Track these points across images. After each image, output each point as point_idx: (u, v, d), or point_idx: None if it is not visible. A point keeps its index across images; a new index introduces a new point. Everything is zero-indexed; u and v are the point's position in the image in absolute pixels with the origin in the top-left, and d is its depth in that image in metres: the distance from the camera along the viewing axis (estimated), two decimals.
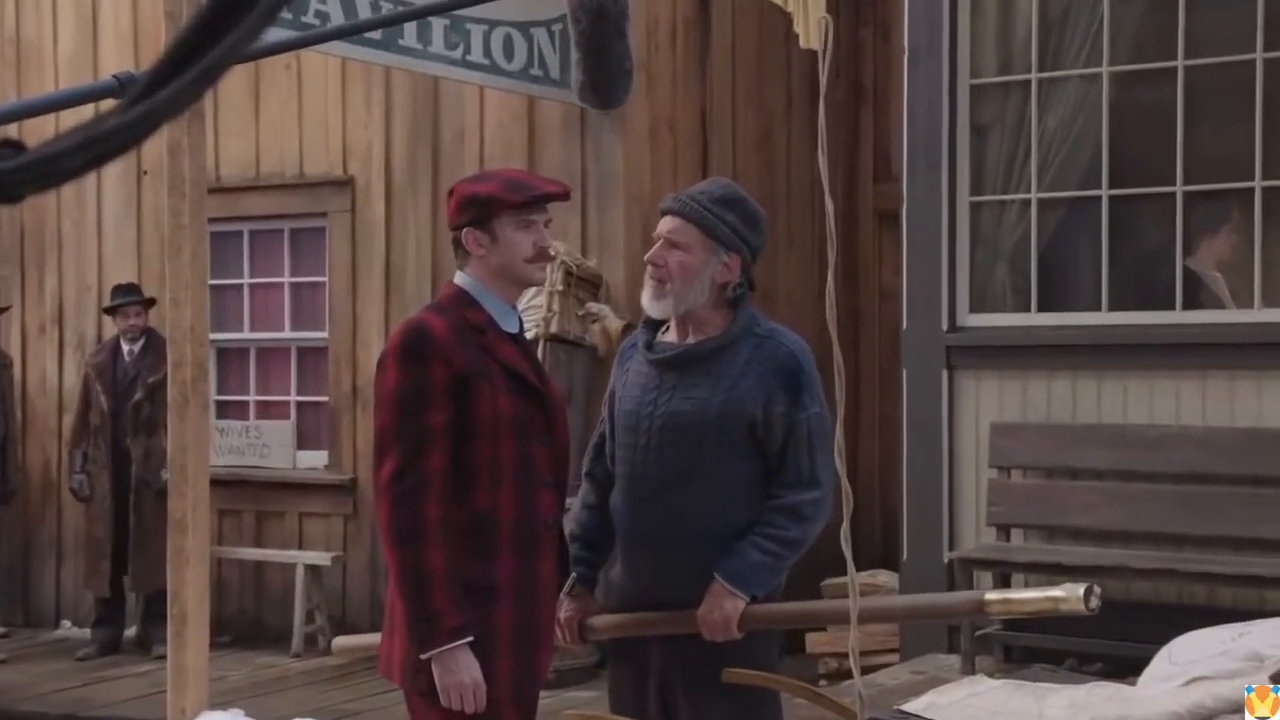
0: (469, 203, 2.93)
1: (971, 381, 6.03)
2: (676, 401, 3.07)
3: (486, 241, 2.90)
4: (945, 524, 6.00)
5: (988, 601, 3.01)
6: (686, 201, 3.12)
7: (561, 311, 6.62)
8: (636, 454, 3.09)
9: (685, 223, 3.09)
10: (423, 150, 7.38)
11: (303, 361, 7.80)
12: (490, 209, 2.90)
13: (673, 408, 3.06)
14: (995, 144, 6.15)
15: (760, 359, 3.06)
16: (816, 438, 3.06)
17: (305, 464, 7.67)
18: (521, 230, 2.91)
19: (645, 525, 3.08)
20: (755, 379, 3.05)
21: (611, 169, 6.92)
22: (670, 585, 3.07)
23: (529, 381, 2.90)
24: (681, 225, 3.10)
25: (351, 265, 7.53)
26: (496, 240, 2.90)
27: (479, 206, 2.91)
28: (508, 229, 2.90)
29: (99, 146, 0.82)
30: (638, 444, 3.09)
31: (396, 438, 2.78)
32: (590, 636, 3.24)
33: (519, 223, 2.90)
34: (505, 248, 2.90)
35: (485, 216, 2.90)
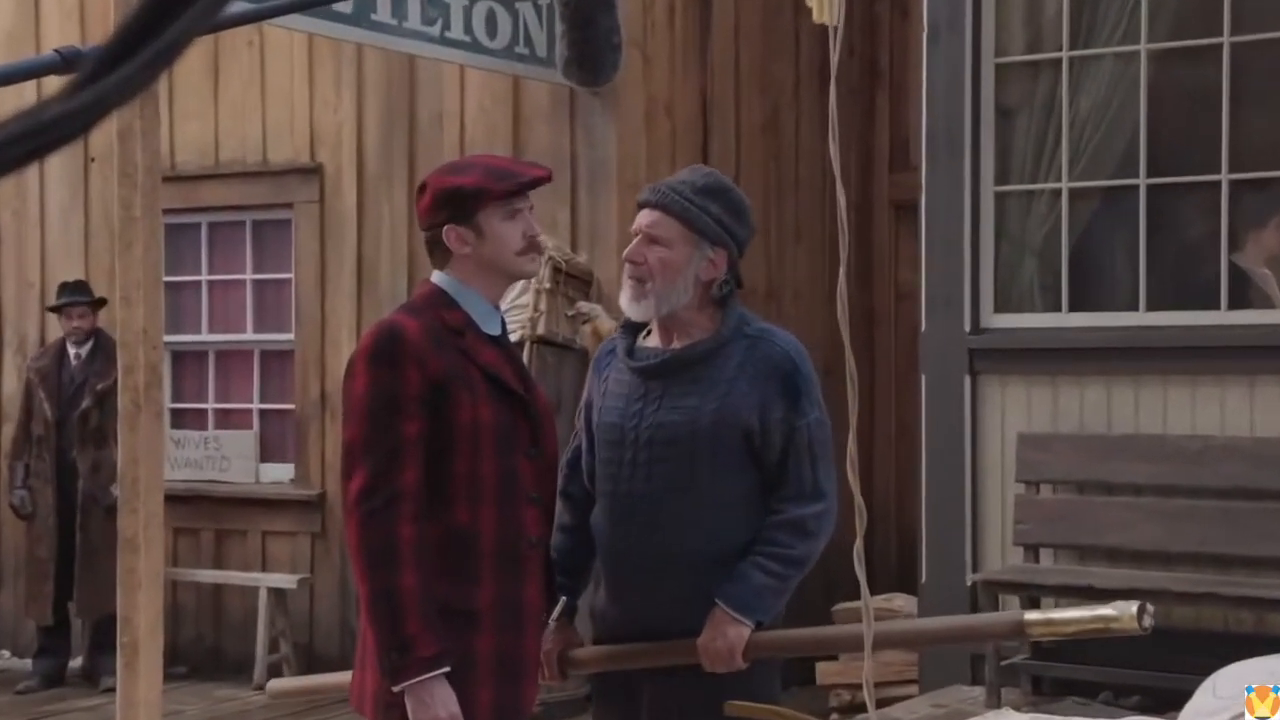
0: (449, 197, 2.91)
1: (996, 388, 6.03)
2: (664, 412, 3.06)
3: (472, 237, 2.89)
4: (968, 543, 6.00)
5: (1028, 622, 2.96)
6: (665, 192, 3.10)
7: (549, 311, 6.61)
8: (621, 470, 3.08)
9: (665, 216, 3.07)
10: (398, 136, 7.32)
11: (266, 366, 7.78)
12: (474, 202, 2.89)
13: (660, 419, 3.05)
14: (1022, 129, 6.16)
15: (753, 362, 3.06)
16: (818, 445, 3.05)
17: (269, 478, 7.67)
18: (509, 221, 2.91)
19: (633, 547, 3.07)
20: (749, 384, 3.04)
21: (604, 156, 6.91)
22: (662, 612, 3.05)
23: (512, 388, 2.90)
24: (661, 219, 3.08)
25: (320, 261, 7.48)
26: (483, 235, 2.89)
27: (461, 200, 2.90)
28: (494, 221, 2.89)
29: (42, 136, 0.82)
30: (623, 459, 3.07)
31: (366, 450, 2.78)
32: (573, 671, 3.22)
33: (506, 213, 2.90)
34: (494, 242, 2.90)
35: (468, 211, 2.89)
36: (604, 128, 6.89)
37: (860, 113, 8.01)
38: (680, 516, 3.04)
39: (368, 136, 7.41)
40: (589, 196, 6.92)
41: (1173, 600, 5.35)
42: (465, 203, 2.89)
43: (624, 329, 3.24)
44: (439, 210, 2.92)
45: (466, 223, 2.90)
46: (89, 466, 7.26)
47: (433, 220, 2.94)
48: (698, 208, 3.08)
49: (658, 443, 3.05)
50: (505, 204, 2.90)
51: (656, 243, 3.09)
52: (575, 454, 3.26)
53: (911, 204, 6.92)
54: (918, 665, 6.13)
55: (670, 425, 3.05)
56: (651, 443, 3.06)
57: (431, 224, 2.95)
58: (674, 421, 3.05)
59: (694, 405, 3.04)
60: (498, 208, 2.90)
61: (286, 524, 7.56)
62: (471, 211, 2.89)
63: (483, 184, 2.90)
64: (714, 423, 3.03)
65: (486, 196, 2.89)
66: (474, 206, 2.89)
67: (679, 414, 3.05)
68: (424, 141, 7.28)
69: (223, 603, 7.64)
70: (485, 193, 2.89)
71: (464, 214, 2.90)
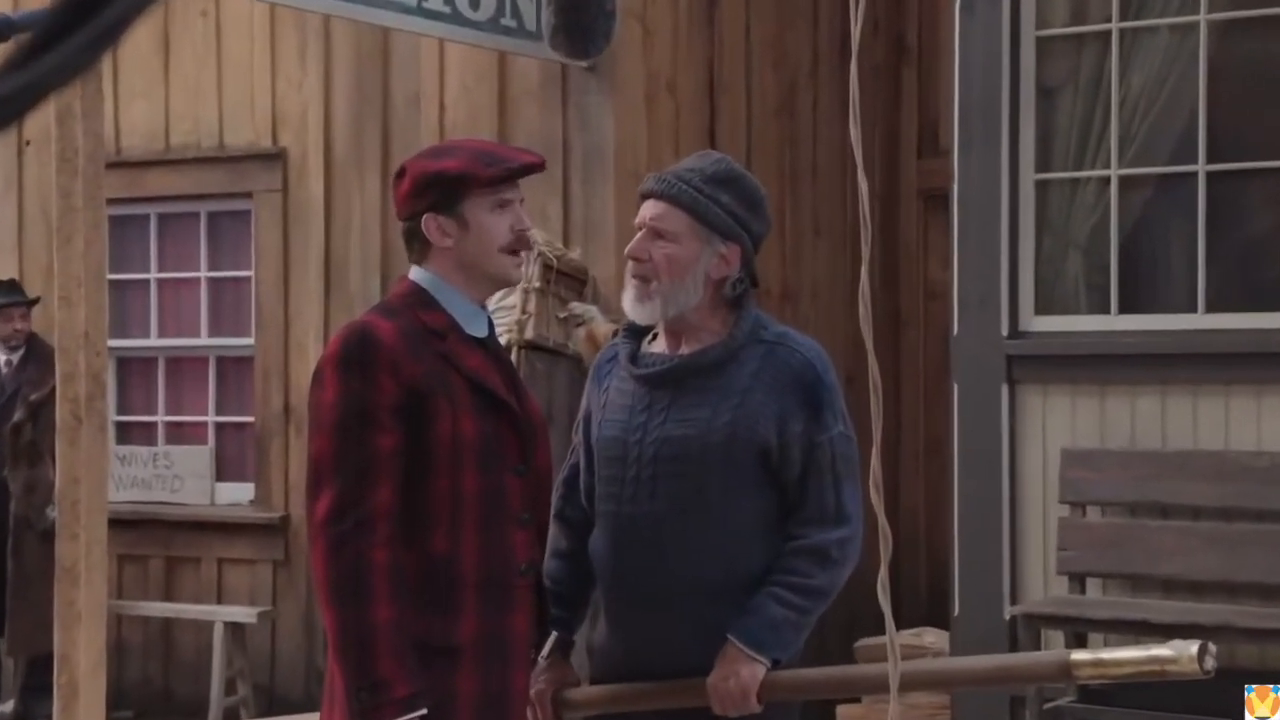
0: (430, 182, 2.91)
1: (1037, 398, 6.02)
2: (671, 425, 3.06)
3: (454, 228, 2.90)
4: (1006, 572, 5.98)
5: (1074, 663, 2.95)
6: (672, 181, 3.10)
7: (539, 313, 6.60)
8: (624, 489, 3.08)
9: (671, 207, 3.08)
10: (370, 118, 7.29)
11: (223, 374, 7.75)
12: (458, 189, 2.90)
13: (667, 433, 3.06)
14: (1066, 109, 6.15)
15: (771, 370, 3.06)
16: (842, 463, 3.06)
17: (226, 499, 7.62)
18: (496, 212, 2.92)
19: (637, 576, 3.07)
20: (766, 394, 3.04)
21: (599, 140, 6.90)
22: (668, 649, 3.05)
23: (500, 397, 2.90)
24: (667, 210, 3.08)
25: (283, 256, 7.43)
26: (466, 226, 2.90)
27: (444, 186, 2.90)
28: (480, 212, 2.90)
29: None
30: (625, 477, 3.08)
31: (334, 467, 2.78)
32: (568, 714, 3.21)
33: (493, 203, 2.91)
34: (478, 235, 2.91)
35: (452, 198, 2.90)
36: (600, 109, 6.88)
37: (886, 92, 8.00)
38: (689, 541, 3.04)
39: (336, 118, 7.34)
40: (583, 185, 6.90)
41: (1237, 637, 5.32)
42: (449, 189, 2.90)
43: (626, 333, 3.23)
44: (419, 197, 2.92)
45: (449, 212, 2.90)
46: (22, 487, 7.24)
47: (412, 208, 2.94)
48: (707, 198, 3.08)
49: (664, 459, 3.05)
50: (493, 193, 2.91)
51: (662, 237, 3.09)
52: (572, 472, 3.26)
53: (942, 193, 6.91)
54: (950, 709, 6.11)
55: (678, 440, 3.05)
56: (657, 459, 3.06)
57: (410, 212, 2.95)
58: (682, 435, 3.05)
59: (704, 417, 3.04)
60: (484, 197, 2.91)
61: (245, 550, 7.51)
62: (455, 200, 2.90)
63: (468, 169, 2.90)
64: (727, 437, 3.03)
65: (472, 183, 2.90)
66: (458, 194, 2.90)
67: (688, 427, 3.05)
68: (399, 124, 7.23)
69: (173, 639, 7.60)
70: (471, 179, 2.90)
71: (447, 202, 2.90)
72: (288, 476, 7.47)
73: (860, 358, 2.81)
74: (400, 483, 2.79)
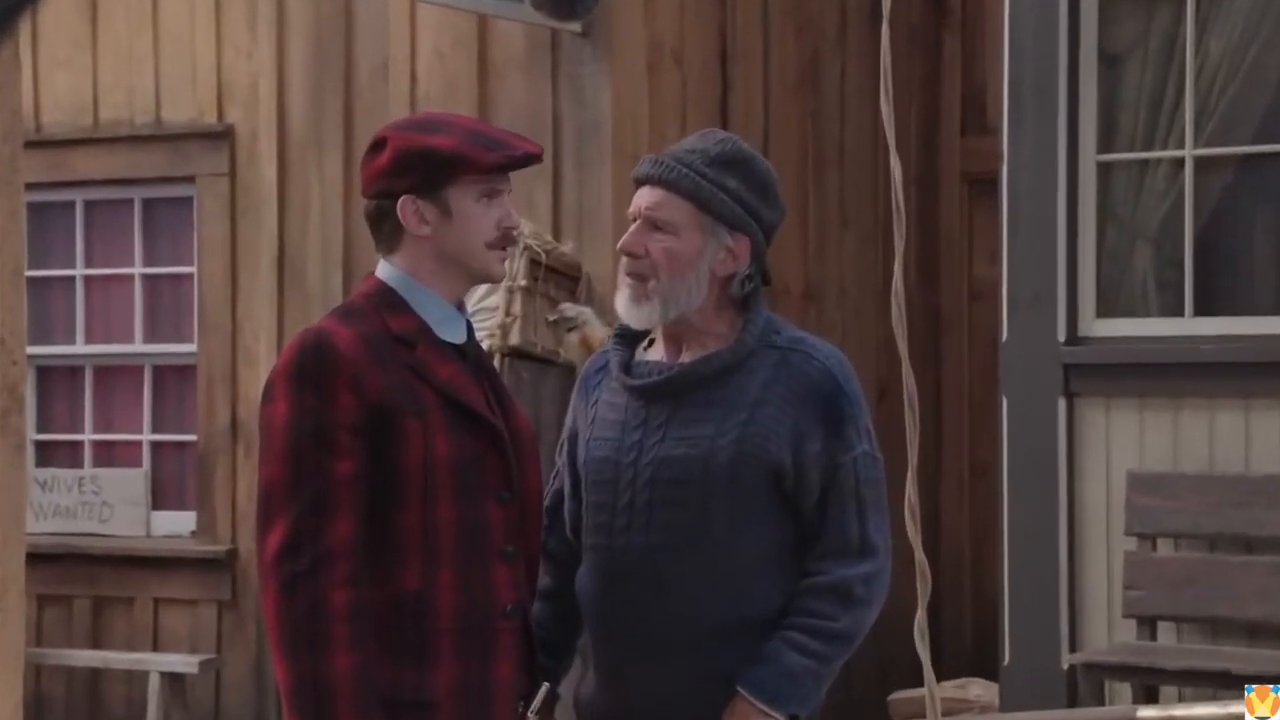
0: (417, 159, 2.90)
1: (1100, 413, 6.01)
2: (670, 444, 3.05)
3: (434, 215, 2.89)
4: (1063, 615, 6.00)
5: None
6: (670, 165, 3.09)
7: (525, 316, 6.57)
8: (615, 519, 3.07)
9: (670, 194, 3.07)
10: (331, 90, 7.26)
11: (161, 385, 7.72)
12: (448, 171, 2.89)
13: (665, 453, 3.04)
14: (1133, 80, 6.16)
15: (785, 380, 3.06)
16: (867, 487, 3.05)
17: (164, 530, 7.60)
18: (484, 203, 2.91)
19: (630, 619, 3.05)
20: (779, 408, 3.04)
21: (595, 117, 6.87)
22: (668, 701, 3.03)
23: (480, 413, 2.89)
24: (665, 198, 3.08)
25: (230, 250, 7.40)
26: (449, 215, 2.89)
27: (432, 166, 2.89)
28: (466, 200, 2.90)
29: None
30: (616, 505, 3.07)
31: (287, 496, 2.77)
32: None
33: (482, 192, 2.91)
34: (462, 226, 2.90)
35: (437, 181, 2.89)
36: (595, 81, 6.85)
37: (924, 60, 8.01)
38: (690, 579, 3.02)
39: (292, 91, 7.33)
40: (576, 168, 6.88)
41: None
42: (437, 170, 2.89)
43: (619, 338, 3.22)
44: (399, 175, 2.90)
45: (430, 196, 2.89)
46: None
47: (388, 186, 2.92)
48: (711, 183, 3.08)
49: (661, 483, 3.04)
50: (485, 181, 2.91)
51: (660, 229, 3.08)
52: (556, 499, 3.23)
53: (989, 177, 6.88)
54: None
55: (678, 461, 3.04)
56: (653, 483, 3.04)
57: (386, 190, 2.92)
58: (682, 456, 3.04)
59: (708, 435, 3.03)
60: (475, 184, 2.90)
61: (186, 590, 7.47)
62: (441, 183, 2.89)
63: (466, 151, 2.89)
64: (733, 457, 3.02)
65: (467, 166, 2.88)
66: (447, 177, 2.89)
67: (689, 446, 3.04)
68: (363, 99, 7.22)
69: (101, 692, 7.57)
70: (466, 162, 2.88)
71: (430, 184, 2.89)
72: (235, 504, 7.43)
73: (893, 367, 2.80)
74: (364, 514, 2.78)
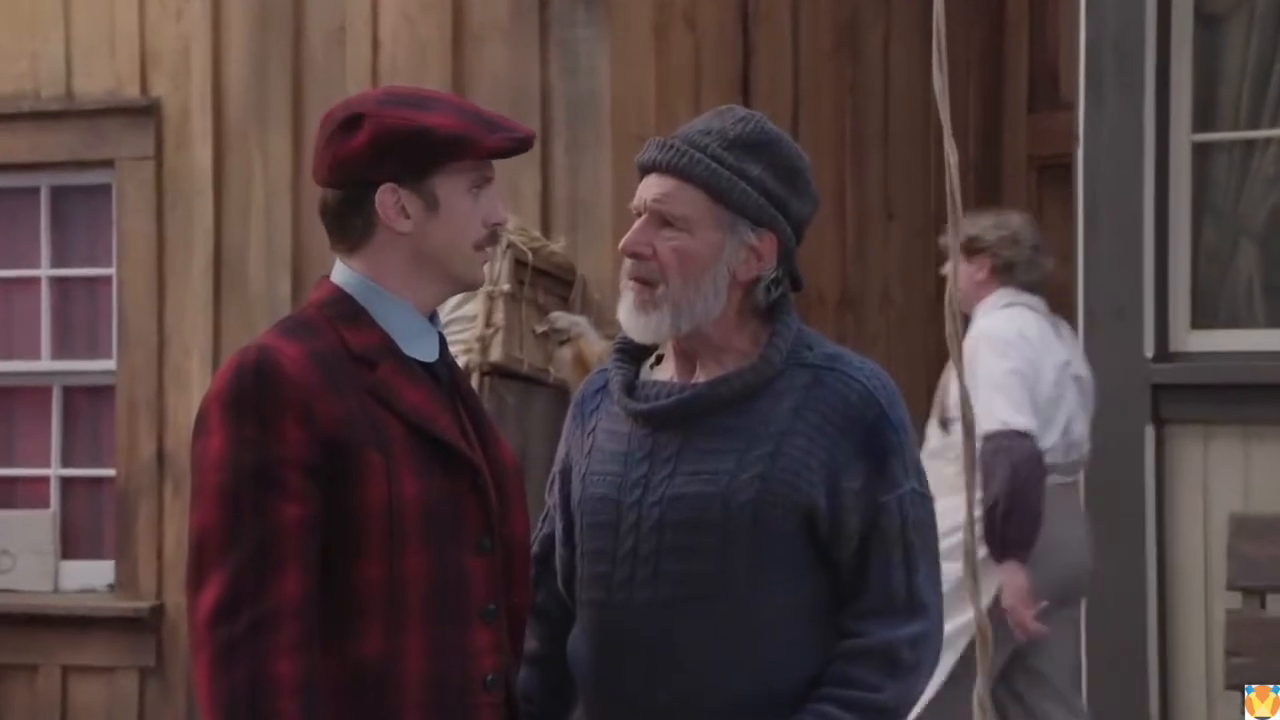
0: (405, 142, 2.89)
1: (1196, 444, 6.01)
2: (682, 480, 3.06)
3: (419, 209, 2.91)
4: (1153, 687, 5.98)
5: None
6: (682, 149, 3.09)
7: (509, 327, 6.59)
8: (616, 570, 3.09)
9: (682, 184, 3.08)
10: (276, 59, 7.31)
11: (73, 410, 7.87)
12: (442, 155, 2.90)
13: (676, 491, 3.05)
14: (1237, 46, 6.16)
15: (818, 404, 3.07)
16: (916, 531, 3.06)
17: (75, 583, 7.73)
18: (472, 195, 2.94)
19: (633, 690, 3.06)
20: (812, 438, 3.05)
21: (591, 91, 6.90)
22: None
23: (454, 446, 2.91)
24: (676, 188, 3.08)
25: (157, 248, 7.47)
26: (435, 208, 2.92)
27: (425, 150, 2.89)
28: (455, 191, 2.93)
29: None
30: (617, 553, 3.09)
31: (225, 546, 2.78)
32: None
33: (473, 181, 2.94)
34: (449, 221, 2.93)
35: (424, 168, 2.90)
36: (592, 48, 6.88)
37: (985, 24, 8.01)
38: (706, 642, 3.04)
39: (229, 59, 7.36)
40: (569, 153, 6.91)
41: None
42: (430, 155, 2.90)
43: (620, 354, 3.22)
44: (381, 160, 2.90)
45: (414, 186, 2.91)
46: None
47: (363, 173, 2.91)
48: (731, 170, 3.09)
49: (671, 527, 3.05)
50: (475, 169, 2.93)
51: (670, 225, 3.08)
52: (545, 545, 3.24)
53: (1062, 162, 6.92)
54: None
55: (691, 500, 3.04)
56: (662, 527, 3.06)
57: (358, 178, 2.92)
58: (697, 495, 3.04)
59: (727, 470, 3.04)
60: (464, 173, 2.92)
61: (102, 655, 7.51)
62: (427, 171, 2.91)
63: (467, 131, 2.91)
64: (757, 497, 3.03)
65: (466, 151, 2.90)
66: (434, 164, 2.91)
67: (704, 483, 3.05)
68: (316, 68, 7.24)
69: None
70: (466, 145, 2.90)
71: (418, 172, 2.91)
72: (161, 553, 7.48)
73: None
74: (315, 566, 2.80)
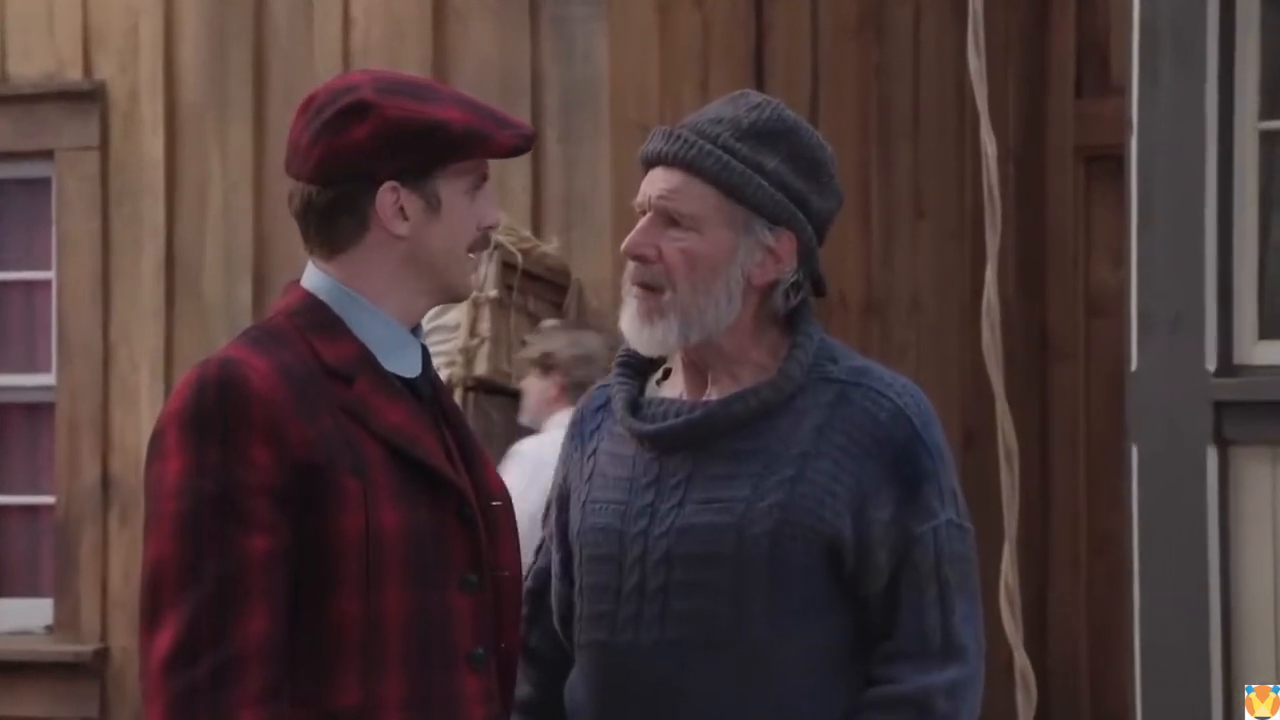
0: (416, 136, 2.90)
1: (1263, 466, 6.01)
2: (692, 509, 3.07)
3: (418, 211, 2.94)
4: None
5: None
6: (689, 140, 3.12)
7: (496, 337, 6.62)
8: (619, 608, 3.11)
9: (691, 178, 3.10)
10: (236, 37, 7.46)
11: (7, 431, 8.08)
12: (453, 152, 2.92)
13: (686, 521, 3.07)
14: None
15: (844, 424, 3.09)
16: (952, 566, 3.08)
17: (9, 624, 7.92)
18: (469, 196, 2.97)
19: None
20: (836, 462, 3.07)
21: (589, 76, 6.93)
22: None
23: (438, 471, 2.90)
24: (684, 184, 3.10)
25: (102, 249, 7.65)
26: (437, 210, 2.95)
27: (435, 147, 2.91)
28: (456, 192, 2.96)
29: None
30: (621, 589, 3.11)
31: (183, 583, 2.77)
32: None
33: (472, 182, 2.96)
34: (450, 224, 2.96)
35: (427, 167, 2.93)
36: (589, 27, 6.91)
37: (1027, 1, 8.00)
38: (718, 689, 3.05)
39: (183, 38, 7.51)
40: (564, 145, 6.93)
41: None
42: (437, 151, 2.92)
43: (623, 368, 3.24)
44: (388, 155, 2.91)
45: (417, 186, 2.93)
46: None
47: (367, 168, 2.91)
48: (744, 162, 3.11)
49: (681, 561, 3.07)
50: (478, 169, 2.96)
51: (677, 224, 3.10)
52: (539, 582, 3.26)
53: (1113, 152, 6.94)
54: None
55: (703, 531, 3.06)
56: (670, 561, 3.07)
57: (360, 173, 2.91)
58: (709, 525, 3.06)
59: (743, 498, 3.06)
60: (469, 173, 2.95)
61: (40, 704, 7.63)
62: (430, 169, 2.93)
63: (480, 126, 2.93)
64: (776, 528, 3.04)
65: (479, 147, 2.93)
66: (444, 161, 2.93)
67: (717, 512, 3.06)
68: (280, 48, 7.33)
69: None
70: (479, 143, 2.92)
71: (422, 170, 2.93)
72: (106, 589, 7.57)
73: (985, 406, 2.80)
74: (284, 606, 2.79)
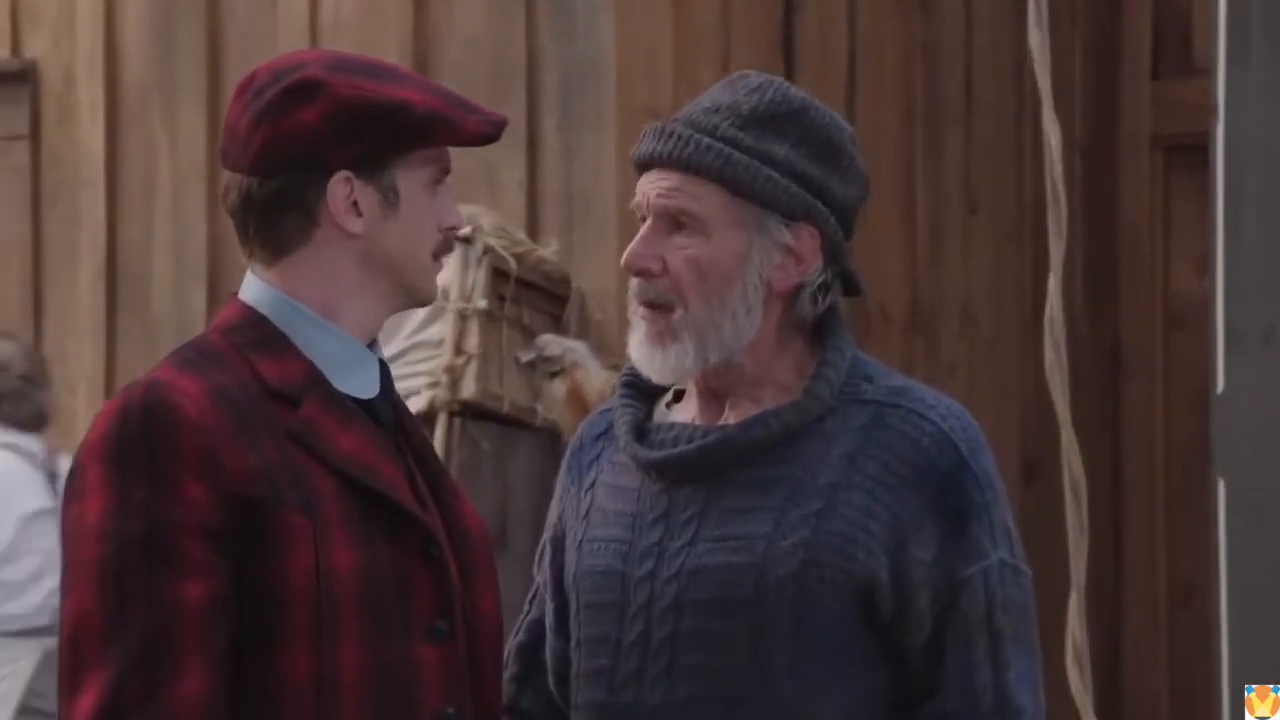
0: (373, 119, 2.90)
1: None
2: (706, 549, 3.06)
3: (374, 206, 2.93)
4: None
5: None
6: (684, 135, 3.13)
7: (486, 355, 6.58)
8: (621, 663, 3.09)
9: (691, 177, 3.11)
10: (187, 14, 7.39)
11: None
12: (414, 138, 2.92)
13: (698, 562, 3.05)
14: None
15: (880, 451, 3.07)
16: (1006, 614, 3.05)
17: None
18: (429, 192, 2.98)
19: None
20: (871, 494, 3.04)
21: (592, 57, 6.88)
22: None
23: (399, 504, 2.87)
24: (684, 183, 3.11)
25: (32, 251, 7.63)
26: (395, 206, 2.96)
27: (395, 132, 2.91)
28: (417, 187, 2.97)
29: None
30: (623, 642, 3.09)
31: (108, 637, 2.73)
32: None
33: (432, 176, 2.97)
34: (409, 222, 2.97)
35: (388, 154, 2.93)
36: (592, 3, 6.87)
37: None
38: None
39: (126, 12, 7.44)
40: (563, 134, 6.89)
41: None
42: (396, 138, 2.91)
43: (628, 389, 3.21)
44: (341, 141, 2.88)
45: (373, 178, 2.92)
46: None
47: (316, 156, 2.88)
48: (749, 153, 3.11)
49: (692, 609, 3.05)
50: (439, 161, 2.95)
51: (681, 229, 3.10)
52: (533, 633, 3.25)
53: (1196, 142, 6.88)
54: None
55: (718, 574, 3.04)
56: (680, 609, 3.06)
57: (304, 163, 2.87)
58: (724, 566, 3.04)
59: (764, 535, 3.04)
60: (429, 165, 2.95)
61: None
62: (386, 160, 2.93)
63: (443, 110, 2.92)
64: (801, 569, 3.01)
65: (442, 133, 2.92)
66: (402, 149, 2.93)
67: (733, 552, 3.04)
68: (237, 26, 7.26)
69: None
70: (442, 128, 2.91)
71: (376, 159, 2.92)
72: None
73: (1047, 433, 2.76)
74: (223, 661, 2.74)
